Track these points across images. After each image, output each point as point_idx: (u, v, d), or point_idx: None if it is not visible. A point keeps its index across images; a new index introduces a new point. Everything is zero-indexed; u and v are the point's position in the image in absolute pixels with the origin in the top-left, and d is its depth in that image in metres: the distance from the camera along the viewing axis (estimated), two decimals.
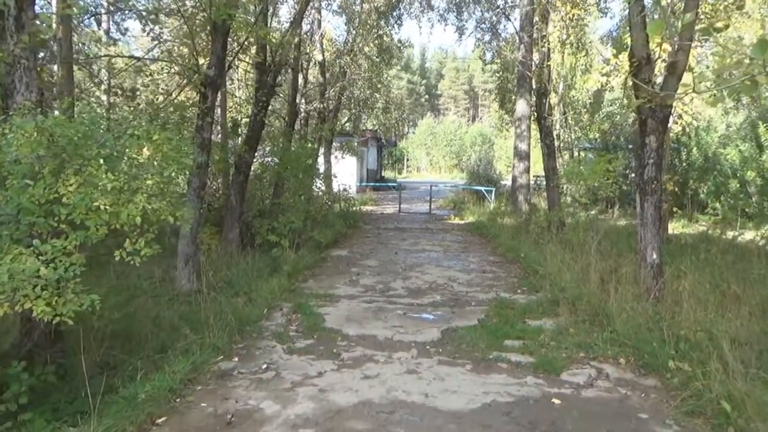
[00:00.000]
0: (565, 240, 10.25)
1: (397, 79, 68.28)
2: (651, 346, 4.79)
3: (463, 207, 19.97)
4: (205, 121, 7.28)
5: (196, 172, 7.31)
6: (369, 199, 23.22)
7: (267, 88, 9.68)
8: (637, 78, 7.15)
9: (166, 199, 3.96)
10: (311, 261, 8.97)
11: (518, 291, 7.34)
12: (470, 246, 11.61)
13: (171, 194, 4.19)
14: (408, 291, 7.28)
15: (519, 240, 11.18)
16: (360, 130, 27.79)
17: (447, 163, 63.72)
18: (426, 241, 12.06)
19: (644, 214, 6.91)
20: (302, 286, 7.37)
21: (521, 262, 9.26)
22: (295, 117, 13.39)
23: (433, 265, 9.11)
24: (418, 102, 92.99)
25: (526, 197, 17.09)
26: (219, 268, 7.86)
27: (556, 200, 12.17)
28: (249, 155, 9.70)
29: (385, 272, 8.46)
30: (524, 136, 17.17)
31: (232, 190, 9.72)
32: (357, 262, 9.28)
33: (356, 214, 16.37)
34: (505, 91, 27.35)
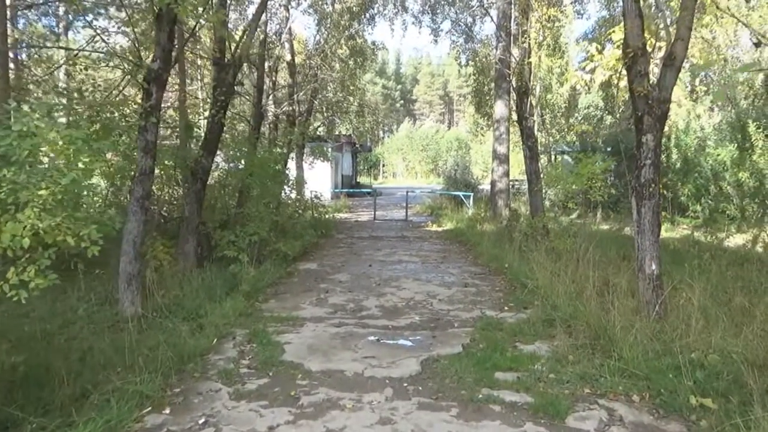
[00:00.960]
0: (551, 248, 9.59)
1: (371, 84, 67.70)
2: (666, 378, 4.07)
3: (440, 213, 19.26)
4: (149, 121, 6.38)
5: (139, 179, 6.41)
6: (343, 206, 22.38)
7: (226, 87, 8.80)
8: (632, 71, 6.50)
9: (69, 214, 3.09)
10: (276, 276, 8.10)
11: (505, 308, 6.59)
12: (450, 255, 10.86)
13: (79, 207, 3.32)
14: (383, 311, 6.47)
15: (501, 248, 10.47)
16: (334, 135, 26.98)
17: (423, 168, 63.22)
18: (403, 251, 11.28)
19: (641, 220, 6.25)
20: (262, 308, 6.49)
21: (506, 273, 8.53)
22: (260, 120, 12.51)
23: (411, 279, 8.33)
24: (393, 107, 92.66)
25: (506, 202, 16.47)
26: (170, 287, 6.95)
27: (539, 205, 11.52)
28: (207, 160, 8.79)
29: (358, 288, 7.64)
30: (503, 138, 16.56)
31: (187, 199, 8.82)
32: (327, 277, 8.44)
33: (329, 222, 15.54)
34: (481, 94, 26.83)
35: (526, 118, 11.53)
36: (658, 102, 6.23)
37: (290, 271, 8.83)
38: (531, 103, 11.67)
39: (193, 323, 5.68)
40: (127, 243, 6.33)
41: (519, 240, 10.19)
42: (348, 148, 35.70)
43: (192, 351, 4.70)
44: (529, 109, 11.58)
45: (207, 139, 8.91)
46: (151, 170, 6.52)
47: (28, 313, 6.45)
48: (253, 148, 11.16)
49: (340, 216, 19.58)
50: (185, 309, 6.15)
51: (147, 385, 3.87)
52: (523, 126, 11.62)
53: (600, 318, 5.22)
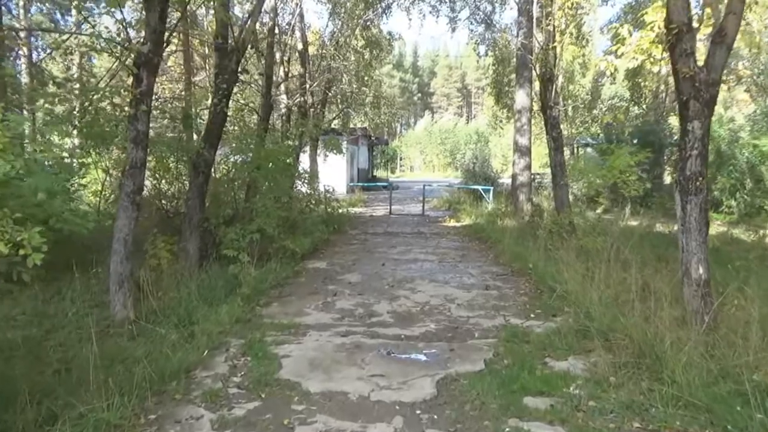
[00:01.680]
0: (578, 247, 8.89)
1: (389, 77, 66.97)
2: (731, 409, 3.40)
3: (458, 207, 18.57)
4: (140, 109, 5.83)
5: (130, 172, 5.87)
6: (358, 200, 21.78)
7: (228, 74, 8.22)
8: (676, 49, 5.76)
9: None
10: (281, 277, 7.52)
11: (531, 315, 5.92)
12: (469, 253, 10.19)
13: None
14: (395, 317, 5.85)
15: (524, 246, 9.77)
16: (349, 127, 26.37)
17: (441, 162, 62.37)
18: (418, 249, 10.64)
19: (686, 218, 5.56)
20: (263, 313, 5.91)
21: (530, 274, 7.85)
22: (269, 110, 11.95)
23: (426, 280, 7.69)
24: (410, 100, 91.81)
25: (528, 196, 15.71)
26: (168, 288, 6.42)
27: (565, 200, 10.77)
28: (209, 152, 8.23)
29: (369, 290, 7.02)
30: (524, 129, 15.77)
31: (189, 193, 8.29)
32: (336, 278, 7.84)
33: (342, 217, 14.93)
34: (501, 84, 25.98)
35: (551, 107, 10.78)
36: (707, 84, 5.50)
37: (297, 271, 8.25)
38: (556, 91, 10.90)
39: (186, 330, 5.13)
40: (117, 242, 5.81)
41: (544, 238, 9.49)
42: (364, 142, 35.08)
43: (177, 366, 4.13)
44: (554, 97, 10.83)
45: (209, 130, 8.36)
46: (143, 163, 5.96)
47: (16, 317, 6.00)
48: (262, 140, 10.60)
49: (354, 210, 18.98)
50: (179, 313, 5.61)
51: (116, 412, 3.30)
52: (548, 115, 10.87)
53: (645, 331, 4.53)
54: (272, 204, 9.21)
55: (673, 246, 9.79)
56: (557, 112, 10.92)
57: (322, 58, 19.12)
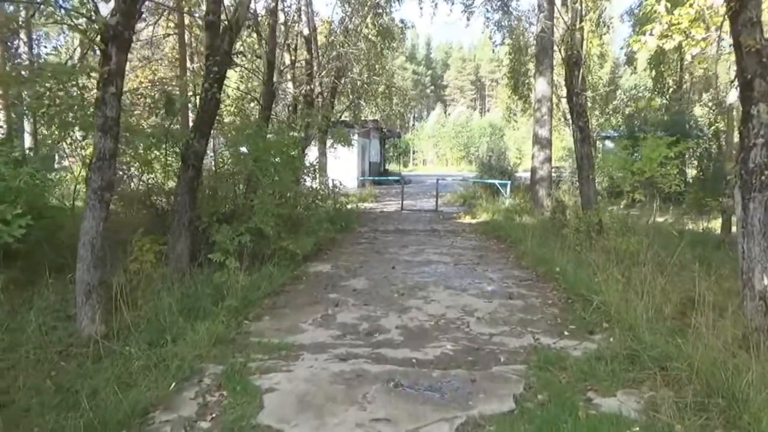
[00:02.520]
0: (609, 248, 7.99)
1: (402, 69, 65.88)
2: None
3: (474, 203, 17.65)
4: (108, 92, 5.03)
5: (97, 165, 5.08)
6: (369, 194, 20.94)
7: (221, 55, 7.40)
8: (739, 18, 4.87)
9: None
10: (277, 283, 6.70)
11: (564, 332, 5.04)
12: (487, 254, 9.31)
13: None
14: (405, 334, 5.01)
15: (548, 247, 8.88)
16: (361, 119, 25.52)
17: (454, 155, 61.30)
18: (432, 248, 9.77)
19: (748, 219, 4.68)
20: (251, 329, 5.09)
21: (558, 280, 6.96)
22: (272, 99, 11.14)
23: (441, 287, 6.83)
24: (423, 93, 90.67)
25: (548, 191, 14.77)
26: (149, 297, 5.65)
27: (591, 196, 9.84)
28: (200, 143, 7.44)
29: (376, 299, 6.18)
30: (545, 120, 14.82)
31: (178, 188, 7.51)
32: (340, 283, 7.01)
33: (351, 213, 14.12)
34: (518, 74, 24.97)
35: (577, 94, 9.82)
36: None
37: (297, 275, 7.44)
38: (582, 76, 9.94)
39: (158, 352, 4.34)
40: (83, 246, 5.03)
41: (570, 238, 8.59)
42: (375, 134, 34.22)
43: (132, 407, 3.33)
44: (581, 82, 9.87)
45: (200, 119, 7.55)
46: (112, 154, 5.16)
47: None
48: (261, 130, 9.78)
49: (364, 206, 18.16)
50: (155, 329, 4.84)
51: None
52: (573, 103, 9.92)
53: (714, 361, 3.65)
54: (271, 201, 8.42)
55: (716, 247, 8.88)
56: (584, 99, 9.97)
57: (331, 45, 18.32)
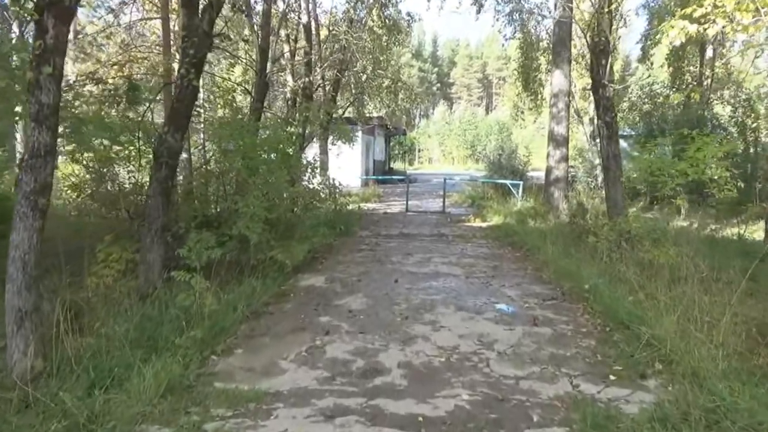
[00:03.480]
0: (641, 259, 6.99)
1: (408, 66, 64.82)
2: None
3: (483, 204, 16.61)
4: (43, 72, 4.04)
5: (29, 164, 4.09)
6: (372, 194, 19.94)
7: (199, 37, 6.41)
8: None
9: None
10: (259, 302, 5.71)
11: (609, 375, 4.01)
12: (502, 265, 8.29)
13: None
14: (409, 375, 4.01)
15: (571, 256, 7.88)
16: (365, 116, 24.51)
17: (460, 154, 60.19)
18: (440, 257, 8.76)
19: None
20: (216, 369, 4.08)
21: (588, 300, 5.94)
22: (265, 90, 10.15)
23: (452, 307, 5.81)
24: (429, 90, 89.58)
25: (565, 193, 13.73)
26: (106, 321, 4.69)
27: (619, 200, 8.80)
28: (174, 138, 6.44)
29: (375, 324, 5.18)
30: (561, 116, 13.77)
31: (150, 190, 6.54)
32: (333, 302, 6.00)
33: (352, 215, 13.11)
34: (529, 69, 23.89)
35: (604, 85, 8.77)
36: None
37: (284, 291, 6.44)
38: (611, 66, 8.90)
39: (92, 405, 3.37)
40: (13, 264, 4.04)
41: (597, 247, 7.56)
42: (380, 132, 33.21)
43: None
44: (609, 73, 8.83)
45: (174, 110, 6.54)
46: (49, 150, 4.17)
47: None
48: (251, 124, 8.81)
49: (367, 206, 17.16)
50: (99, 368, 3.87)
51: None
52: (600, 96, 8.87)
53: None
54: (260, 204, 7.44)
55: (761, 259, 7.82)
56: (611, 91, 8.92)
57: (334, 37, 17.34)
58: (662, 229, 7.67)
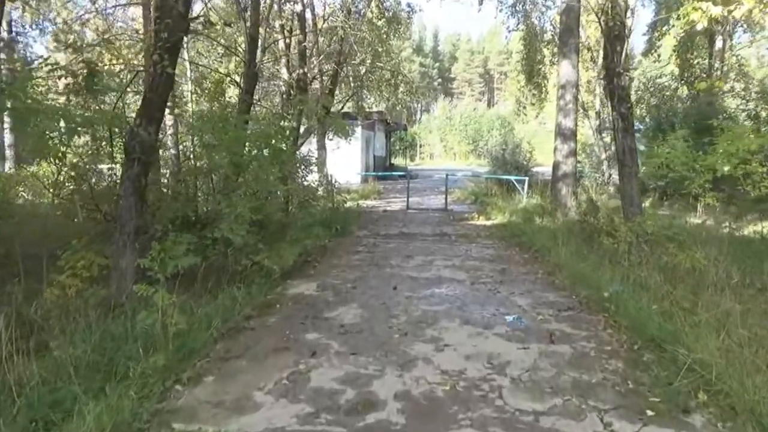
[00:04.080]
0: (662, 263, 6.37)
1: (408, 61, 64.01)
2: None
3: (487, 201, 15.96)
4: None
5: None
6: (372, 191, 19.30)
7: (173, 18, 5.77)
8: None
9: None
10: (240, 315, 5.08)
11: (647, 410, 3.37)
12: (510, 268, 7.64)
13: None
14: (407, 410, 3.36)
15: (585, 258, 7.25)
16: (364, 111, 23.84)
17: (462, 149, 59.42)
18: (442, 260, 8.12)
19: None
20: (179, 405, 3.42)
21: (610, 311, 5.30)
22: (254, 82, 9.49)
23: (457, 320, 5.17)
24: (430, 86, 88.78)
25: (573, 189, 13.07)
26: (64, 337, 4.07)
27: (635, 196, 8.16)
28: (147, 131, 5.82)
29: (369, 343, 4.54)
30: (569, 109, 13.08)
31: (122, 189, 5.92)
32: (323, 314, 5.36)
33: (350, 214, 12.51)
34: (533, 61, 23.20)
35: (619, 74, 8.11)
36: None
37: (270, 301, 5.80)
38: (626, 53, 8.24)
39: None
40: None
41: (616, 249, 6.91)
42: (380, 127, 32.52)
43: None
44: (624, 60, 8.16)
45: (147, 100, 5.91)
46: None
47: None
48: (237, 117, 8.16)
49: (366, 204, 16.53)
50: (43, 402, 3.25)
51: None
52: (614, 85, 8.20)
53: None
54: (246, 203, 6.81)
55: None
56: (626, 80, 8.26)
57: (331, 30, 16.68)
58: (686, 230, 7.01)
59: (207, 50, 12.36)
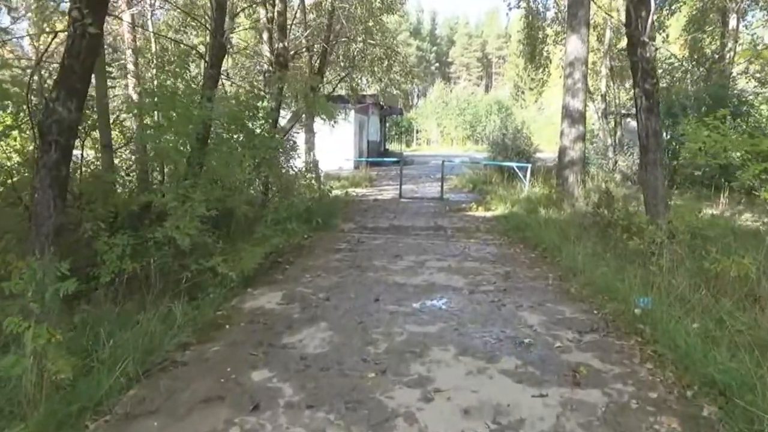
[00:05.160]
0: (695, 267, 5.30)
1: (405, 45, 62.48)
2: None
3: (486, 189, 14.82)
4: None
5: None
6: (363, 178, 18.09)
7: None
8: None
9: None
10: (172, 344, 3.93)
11: None
12: (515, 271, 6.51)
13: None
14: None
15: (600, 259, 6.16)
16: (357, 93, 22.56)
17: (459, 135, 58.13)
18: (436, 261, 6.99)
19: None
20: None
21: (643, 333, 4.20)
22: (222, 54, 8.23)
23: (452, 349, 4.03)
24: (428, 70, 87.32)
25: (581, 177, 11.93)
26: None
27: (660, 188, 7.01)
28: (66, 107, 4.64)
29: (333, 389, 3.39)
30: (578, 89, 11.89)
31: (36, 179, 4.76)
32: (281, 340, 4.21)
33: (335, 203, 11.35)
34: (535, 41, 21.92)
35: (644, 43, 6.92)
36: None
37: (218, 320, 4.65)
38: (652, 21, 7.04)
39: None
40: None
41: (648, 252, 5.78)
42: (375, 111, 31.24)
43: None
44: (650, 27, 6.96)
45: (66, 68, 4.69)
46: None
47: None
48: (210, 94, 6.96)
49: (357, 192, 15.36)
50: None
51: None
52: (638, 56, 7.00)
53: None
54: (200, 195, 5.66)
55: None
56: (652, 51, 7.07)
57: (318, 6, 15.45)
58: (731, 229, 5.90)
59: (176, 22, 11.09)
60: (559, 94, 17.96)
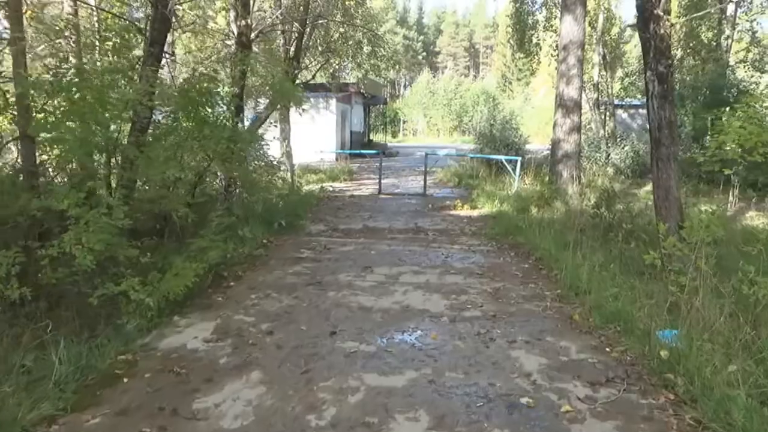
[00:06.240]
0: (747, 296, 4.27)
1: (392, 33, 61.14)
2: None
3: (472, 184, 13.77)
4: None
5: None
6: (342, 171, 16.90)
7: None
8: None
9: None
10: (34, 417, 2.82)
11: None
12: (506, 287, 5.45)
13: None
14: None
15: (608, 274, 5.14)
16: (338, 81, 21.35)
17: (446, 125, 56.97)
18: (413, 273, 5.92)
19: None
20: None
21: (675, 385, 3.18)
22: (165, 28, 7.05)
23: (422, 419, 2.94)
24: (415, 59, 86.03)
25: (576, 172, 10.93)
26: None
27: (674, 187, 5.98)
28: None
29: None
30: (573, 75, 10.87)
31: None
32: (189, 407, 3.09)
33: (304, 201, 10.23)
34: (525, 26, 20.84)
35: (658, 17, 5.86)
36: None
37: (115, 370, 3.51)
38: None
39: None
40: None
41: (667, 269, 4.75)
42: (358, 100, 30.00)
43: None
44: (665, 1, 5.91)
45: None
46: None
47: None
48: (152, 75, 5.78)
49: (334, 187, 14.21)
50: None
51: None
52: (651, 33, 5.94)
53: None
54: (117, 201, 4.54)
55: None
56: (668, 27, 6.01)
57: None
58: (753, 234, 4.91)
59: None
60: (547, 85, 16.91)
